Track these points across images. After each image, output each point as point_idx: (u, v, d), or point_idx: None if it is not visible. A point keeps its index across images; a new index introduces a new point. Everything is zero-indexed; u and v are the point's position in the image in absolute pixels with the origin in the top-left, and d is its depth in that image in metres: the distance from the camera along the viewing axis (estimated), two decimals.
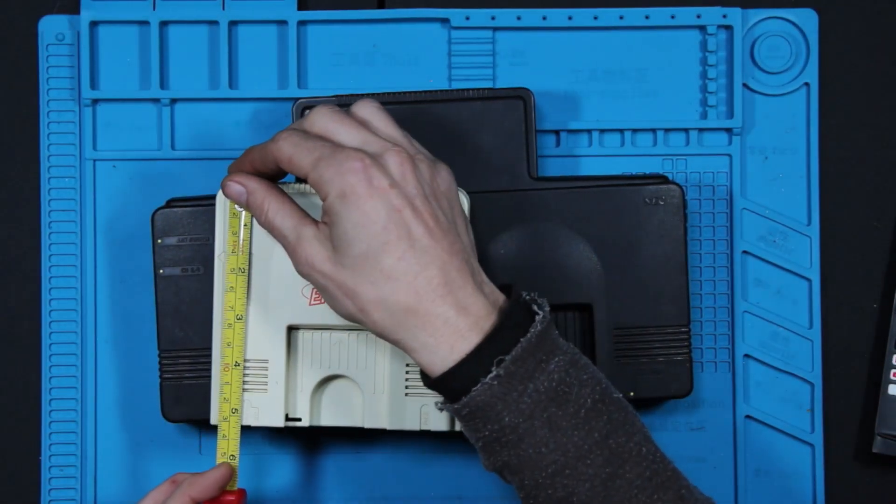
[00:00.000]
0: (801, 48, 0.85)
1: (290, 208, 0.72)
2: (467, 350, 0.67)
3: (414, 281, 0.67)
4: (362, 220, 0.68)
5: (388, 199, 0.68)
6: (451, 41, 0.85)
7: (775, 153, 0.86)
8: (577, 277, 0.81)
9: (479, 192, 0.80)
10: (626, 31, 0.85)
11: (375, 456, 0.85)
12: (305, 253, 0.70)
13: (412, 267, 0.67)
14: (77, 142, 0.85)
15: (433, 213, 0.69)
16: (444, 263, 0.68)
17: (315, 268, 0.69)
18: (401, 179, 0.68)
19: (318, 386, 0.77)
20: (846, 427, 0.86)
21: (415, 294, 0.67)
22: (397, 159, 0.69)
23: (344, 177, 0.68)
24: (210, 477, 0.75)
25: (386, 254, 0.67)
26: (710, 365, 0.85)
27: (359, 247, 0.68)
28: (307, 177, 0.69)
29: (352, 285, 0.68)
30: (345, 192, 0.68)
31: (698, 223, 0.85)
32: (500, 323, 0.68)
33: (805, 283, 0.85)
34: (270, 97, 0.85)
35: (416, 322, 0.68)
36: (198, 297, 0.80)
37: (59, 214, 0.85)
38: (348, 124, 0.70)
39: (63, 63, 0.85)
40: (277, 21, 0.85)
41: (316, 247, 0.70)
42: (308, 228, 0.70)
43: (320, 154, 0.69)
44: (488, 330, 0.68)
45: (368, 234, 0.68)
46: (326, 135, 0.70)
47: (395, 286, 0.67)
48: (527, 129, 0.82)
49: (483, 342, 0.67)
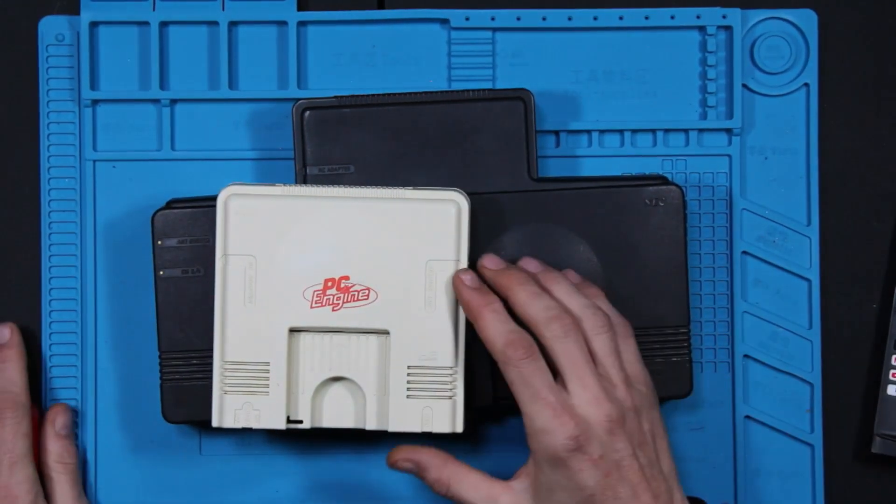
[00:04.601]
0: (800, 49, 0.85)
1: (476, 477, 0.74)
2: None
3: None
4: (570, 485, 0.71)
5: (599, 468, 0.71)
6: (451, 42, 0.85)
7: (775, 153, 0.86)
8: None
9: (478, 193, 0.80)
10: (626, 32, 0.85)
11: (377, 458, 0.85)
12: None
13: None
14: (77, 142, 0.85)
15: (640, 468, 0.72)
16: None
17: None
18: (610, 444, 0.71)
19: (319, 388, 0.78)
20: (846, 427, 0.86)
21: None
22: (607, 425, 0.71)
23: (559, 441, 0.71)
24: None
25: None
26: (710, 365, 0.85)
27: (562, 502, 0.72)
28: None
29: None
30: (558, 456, 0.71)
31: (698, 223, 0.85)
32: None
33: (805, 284, 0.85)
34: (270, 98, 0.85)
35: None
36: (198, 299, 0.80)
37: (59, 215, 0.85)
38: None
39: (63, 64, 0.85)
40: (277, 21, 0.85)
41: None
42: (503, 495, 0.73)
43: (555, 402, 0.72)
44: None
45: (575, 497, 0.71)
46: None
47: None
48: (527, 130, 0.82)
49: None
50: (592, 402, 0.72)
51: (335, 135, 0.81)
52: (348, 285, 0.76)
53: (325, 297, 0.76)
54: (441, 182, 0.81)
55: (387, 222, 0.76)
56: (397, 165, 0.82)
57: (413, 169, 0.82)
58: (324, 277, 0.76)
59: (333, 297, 0.76)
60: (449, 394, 0.77)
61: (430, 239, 0.76)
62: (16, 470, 0.79)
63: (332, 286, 0.76)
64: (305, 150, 0.81)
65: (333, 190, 0.77)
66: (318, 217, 0.76)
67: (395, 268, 0.76)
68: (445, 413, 0.77)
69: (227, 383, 0.77)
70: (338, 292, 0.76)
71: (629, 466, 0.72)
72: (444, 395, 0.77)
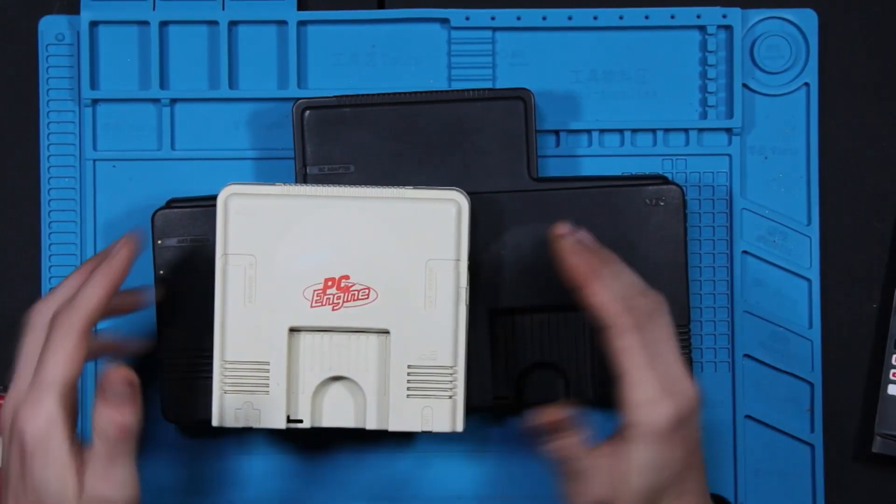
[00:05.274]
0: (800, 48, 0.85)
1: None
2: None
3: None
4: (660, 462, 0.71)
5: (686, 446, 0.72)
6: (451, 41, 0.85)
7: (775, 153, 0.86)
8: None
9: (478, 192, 0.80)
10: (626, 32, 0.85)
11: (377, 457, 0.85)
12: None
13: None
14: (77, 142, 0.85)
15: (702, 454, 0.74)
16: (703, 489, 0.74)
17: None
18: (695, 424, 0.72)
19: (319, 388, 0.78)
20: (846, 427, 0.86)
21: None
22: (694, 405, 0.72)
23: (666, 414, 0.71)
24: (119, 257, 0.73)
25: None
26: (710, 365, 0.85)
27: (649, 482, 0.71)
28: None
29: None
30: (660, 430, 0.71)
31: (698, 223, 0.85)
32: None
33: (805, 283, 0.85)
34: (270, 97, 0.85)
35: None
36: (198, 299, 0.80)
37: (59, 214, 0.85)
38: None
39: (63, 63, 0.85)
40: (277, 21, 0.85)
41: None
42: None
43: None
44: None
45: (661, 476, 0.72)
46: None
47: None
48: (527, 130, 0.82)
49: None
50: (685, 380, 0.72)
51: (335, 134, 0.81)
52: (348, 285, 0.76)
53: (326, 297, 0.76)
54: (441, 182, 0.81)
55: (387, 222, 0.76)
56: (397, 165, 0.82)
57: (413, 169, 0.82)
58: (324, 277, 0.76)
59: (333, 297, 0.76)
60: (449, 393, 0.77)
61: (431, 239, 0.76)
62: (39, 398, 0.70)
63: (333, 286, 0.76)
64: (305, 149, 0.81)
65: (333, 190, 0.77)
66: (318, 217, 0.76)
67: (395, 267, 0.76)
68: (445, 413, 0.77)
69: (228, 383, 0.77)
70: (338, 292, 0.76)
71: (699, 452, 0.73)
72: (444, 394, 0.77)
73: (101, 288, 0.72)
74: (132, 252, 0.73)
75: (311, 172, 0.81)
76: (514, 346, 0.82)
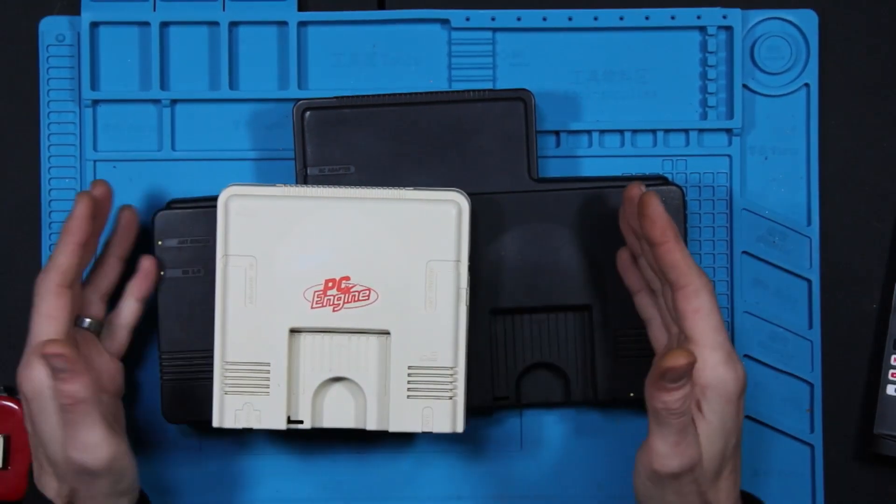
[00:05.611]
0: (801, 49, 0.85)
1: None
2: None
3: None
4: (727, 427, 0.73)
5: (740, 417, 0.74)
6: (452, 42, 0.85)
7: (775, 153, 0.86)
8: (577, 278, 0.82)
9: (479, 193, 0.80)
10: (627, 32, 0.85)
11: (377, 457, 0.85)
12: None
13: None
14: (77, 143, 0.85)
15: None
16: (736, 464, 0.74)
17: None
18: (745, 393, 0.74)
19: (319, 388, 0.78)
20: (845, 427, 0.86)
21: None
22: (744, 373, 0.74)
23: (738, 377, 0.72)
24: (75, 215, 0.76)
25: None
26: None
27: (719, 446, 0.72)
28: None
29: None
30: (732, 393, 0.72)
31: (698, 223, 0.85)
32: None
33: (804, 284, 0.85)
34: (271, 98, 0.85)
35: None
36: (199, 299, 0.80)
37: (60, 215, 0.85)
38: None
39: (63, 64, 0.85)
40: (277, 22, 0.85)
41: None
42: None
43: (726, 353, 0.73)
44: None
45: (729, 439, 0.73)
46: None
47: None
48: (527, 131, 0.82)
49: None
50: (736, 354, 0.73)
51: (335, 135, 0.82)
52: (349, 286, 0.76)
53: (326, 298, 0.76)
54: (441, 182, 0.81)
55: (387, 222, 0.76)
56: (397, 165, 0.82)
57: (413, 169, 0.82)
58: (324, 278, 0.76)
59: (334, 298, 0.76)
60: (449, 394, 0.77)
61: (431, 239, 0.76)
62: (30, 354, 0.75)
63: (333, 286, 0.76)
64: (306, 150, 0.81)
65: (334, 190, 0.77)
66: (318, 217, 0.76)
67: (395, 268, 0.76)
68: (446, 413, 0.77)
69: (228, 383, 0.77)
70: (338, 293, 0.76)
71: (742, 423, 0.74)
72: (444, 395, 0.77)
73: (65, 245, 0.75)
74: (87, 206, 0.76)
75: (311, 173, 0.81)
76: (514, 346, 0.82)
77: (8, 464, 0.84)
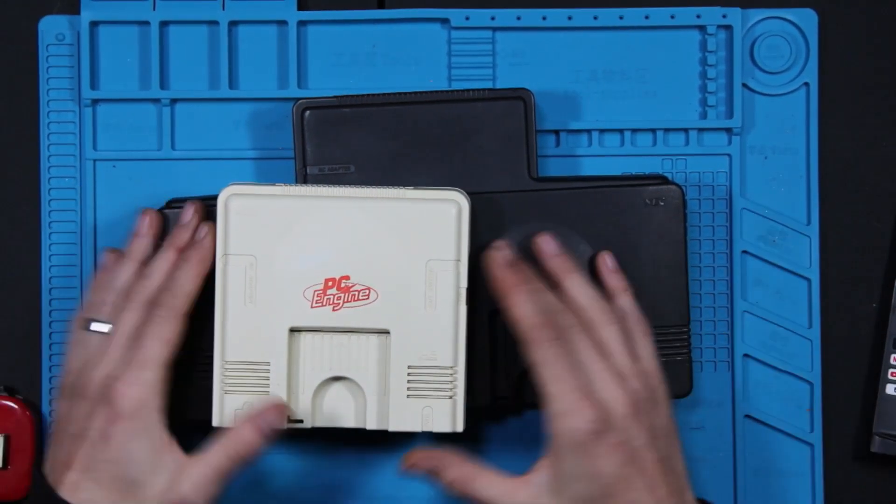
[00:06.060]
0: (800, 48, 0.85)
1: (492, 475, 0.74)
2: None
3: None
4: (588, 472, 0.71)
5: (618, 455, 0.71)
6: (451, 41, 0.85)
7: (775, 153, 0.86)
8: None
9: (479, 192, 0.80)
10: (626, 32, 0.85)
11: (377, 458, 0.85)
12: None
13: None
14: (77, 142, 0.85)
15: (656, 461, 0.72)
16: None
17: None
18: (628, 431, 0.72)
19: (319, 388, 0.78)
20: (845, 426, 0.86)
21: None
22: (626, 411, 0.72)
23: (581, 424, 0.71)
24: (206, 244, 0.78)
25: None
26: (710, 365, 0.85)
27: (580, 492, 0.71)
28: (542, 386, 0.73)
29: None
30: (579, 441, 0.71)
31: (698, 223, 0.85)
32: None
33: (804, 283, 0.85)
34: (270, 97, 0.85)
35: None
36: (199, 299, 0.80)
37: (59, 214, 0.85)
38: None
39: (63, 63, 0.85)
40: (277, 21, 0.85)
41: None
42: (521, 490, 0.73)
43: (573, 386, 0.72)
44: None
45: (594, 485, 0.71)
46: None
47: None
48: (527, 130, 0.82)
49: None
50: (610, 388, 0.72)
51: (335, 135, 0.82)
52: (349, 285, 0.76)
53: (326, 297, 0.76)
54: (441, 182, 0.81)
55: (387, 222, 0.76)
56: (397, 165, 0.82)
57: (413, 169, 0.82)
58: (324, 277, 0.76)
59: (334, 297, 0.76)
60: (449, 393, 0.77)
61: (431, 239, 0.76)
62: (140, 371, 0.75)
63: (333, 286, 0.76)
64: (305, 149, 0.81)
65: (334, 190, 0.77)
66: (318, 217, 0.76)
67: (395, 268, 0.76)
68: (445, 413, 0.77)
69: (228, 383, 0.77)
70: (338, 292, 0.76)
71: (646, 458, 0.72)
72: (444, 394, 0.77)
73: (197, 275, 0.77)
74: (214, 234, 0.77)
75: (311, 173, 0.81)
76: (513, 346, 0.82)
77: (8, 464, 0.84)
